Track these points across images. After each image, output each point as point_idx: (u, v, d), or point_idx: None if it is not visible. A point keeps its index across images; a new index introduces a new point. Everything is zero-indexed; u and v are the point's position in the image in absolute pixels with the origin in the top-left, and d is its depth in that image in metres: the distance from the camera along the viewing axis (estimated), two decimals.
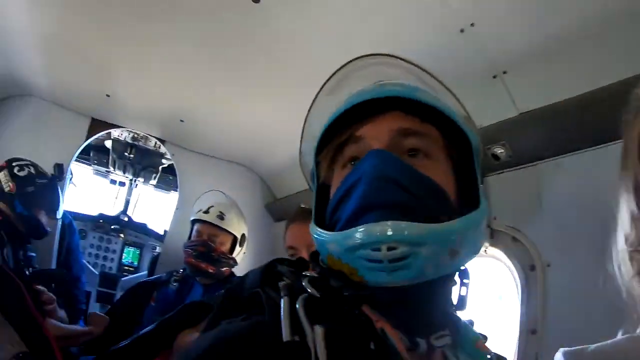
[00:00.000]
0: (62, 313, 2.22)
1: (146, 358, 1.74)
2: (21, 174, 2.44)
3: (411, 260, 0.62)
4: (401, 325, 0.65)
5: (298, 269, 0.80)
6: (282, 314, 0.62)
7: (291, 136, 2.58)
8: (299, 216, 1.90)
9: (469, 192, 0.74)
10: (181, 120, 3.09)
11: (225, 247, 2.58)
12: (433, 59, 1.57)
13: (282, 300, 0.65)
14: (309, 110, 0.88)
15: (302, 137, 0.90)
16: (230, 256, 2.58)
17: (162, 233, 4.63)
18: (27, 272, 2.40)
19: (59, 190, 2.61)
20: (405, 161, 0.70)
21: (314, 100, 0.88)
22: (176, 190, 4.58)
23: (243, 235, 2.66)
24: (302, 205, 2.01)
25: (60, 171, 2.70)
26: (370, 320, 0.64)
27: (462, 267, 0.72)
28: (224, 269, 2.55)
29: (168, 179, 4.59)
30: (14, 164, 2.47)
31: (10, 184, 2.40)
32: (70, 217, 3.21)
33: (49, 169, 2.68)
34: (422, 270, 0.63)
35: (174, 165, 3.65)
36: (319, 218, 0.77)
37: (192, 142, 3.50)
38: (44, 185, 2.48)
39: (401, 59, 0.84)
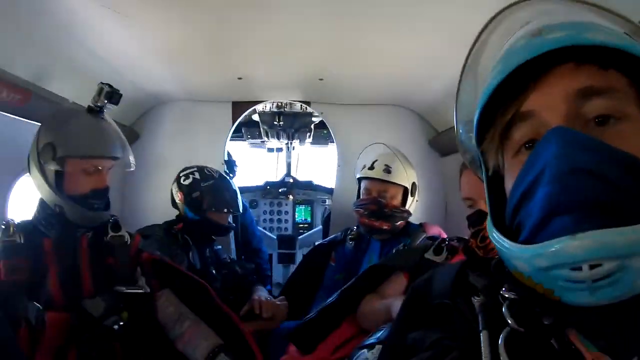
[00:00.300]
0: (263, 292, 2.50)
1: (334, 325, 1.81)
2: (186, 182, 2.54)
3: (619, 275, 0.48)
4: (615, 352, 0.52)
5: (492, 278, 0.67)
6: (482, 352, 0.57)
7: (443, 68, 2.34)
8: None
9: None
10: (320, 79, 2.83)
11: (397, 201, 2.46)
12: None
13: (481, 335, 0.59)
14: (459, 82, 0.75)
15: (456, 110, 0.78)
16: (404, 209, 2.46)
17: (328, 187, 4.64)
18: (212, 271, 2.51)
19: (229, 186, 2.63)
20: (597, 138, 0.53)
21: (464, 66, 0.74)
22: (333, 142, 4.50)
23: (413, 183, 2.51)
24: None
25: (229, 167, 2.83)
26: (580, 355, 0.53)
27: None
28: (399, 222, 2.44)
29: (322, 133, 4.47)
30: (181, 174, 2.58)
31: (179, 194, 2.54)
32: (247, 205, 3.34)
33: (207, 160, 2.80)
34: (632, 285, 0.49)
35: (326, 122, 3.52)
36: (496, 217, 0.64)
37: (338, 97, 3.27)
38: (209, 187, 2.52)
39: None
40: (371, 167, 2.45)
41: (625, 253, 0.48)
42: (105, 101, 1.71)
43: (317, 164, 5.23)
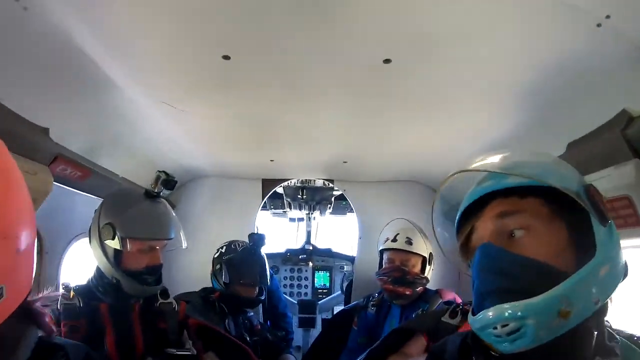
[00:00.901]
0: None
1: None
2: (215, 255, 2.81)
3: (523, 330, 0.75)
4: None
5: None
6: None
7: (454, 150, 2.68)
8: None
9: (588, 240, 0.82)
10: (344, 162, 3.16)
11: (417, 269, 2.70)
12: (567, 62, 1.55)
13: None
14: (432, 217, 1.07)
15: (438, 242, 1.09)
16: (424, 276, 2.69)
17: (346, 253, 4.89)
18: (247, 337, 2.68)
19: (253, 259, 2.78)
20: (507, 247, 0.84)
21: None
22: (352, 212, 4.77)
23: (430, 254, 2.75)
24: None
25: (256, 240, 2.87)
26: None
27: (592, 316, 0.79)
28: (419, 289, 2.66)
29: (341, 204, 4.73)
30: (218, 247, 2.84)
31: (211, 265, 2.79)
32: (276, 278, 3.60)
33: (239, 232, 3.09)
34: (536, 336, 0.75)
35: (347, 198, 3.80)
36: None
37: (359, 175, 3.60)
38: (230, 260, 2.72)
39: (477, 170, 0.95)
40: (394, 240, 2.74)
41: (519, 317, 0.74)
42: (162, 187, 1.96)
43: (335, 231, 5.47)
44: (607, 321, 0.85)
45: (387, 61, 1.67)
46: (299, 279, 4.89)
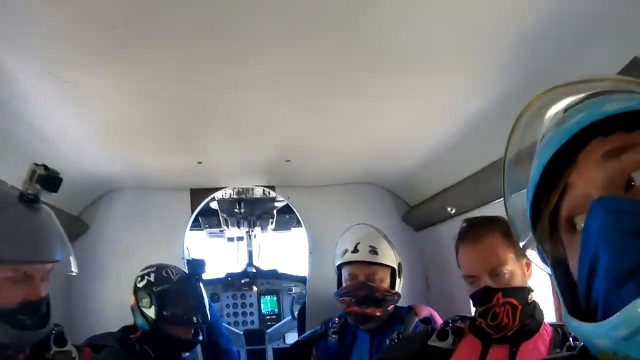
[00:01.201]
0: None
1: None
2: (140, 284, 2.21)
3: None
4: None
5: None
6: None
7: (412, 144, 2.14)
8: (468, 234, 1.61)
9: None
10: (287, 161, 2.67)
11: (386, 283, 2.25)
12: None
13: None
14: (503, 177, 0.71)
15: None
16: (395, 291, 2.26)
17: (294, 274, 4.49)
18: None
19: (192, 291, 2.27)
20: (637, 199, 0.54)
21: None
22: (297, 226, 4.34)
23: (399, 264, 2.33)
24: (467, 219, 1.70)
25: (195, 267, 2.39)
26: None
27: None
28: (390, 307, 2.23)
29: (285, 218, 4.32)
30: (139, 273, 2.26)
31: (132, 298, 2.21)
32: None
33: (166, 253, 2.66)
34: None
35: (293, 207, 3.32)
36: (569, 304, 0.61)
37: (305, 179, 3.12)
38: (162, 292, 2.18)
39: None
40: (355, 250, 2.25)
41: None
42: (38, 187, 1.32)
43: (281, 250, 5.04)
44: None
45: None
46: (243, 305, 4.37)
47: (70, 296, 2.81)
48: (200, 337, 2.27)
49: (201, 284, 2.32)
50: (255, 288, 4.40)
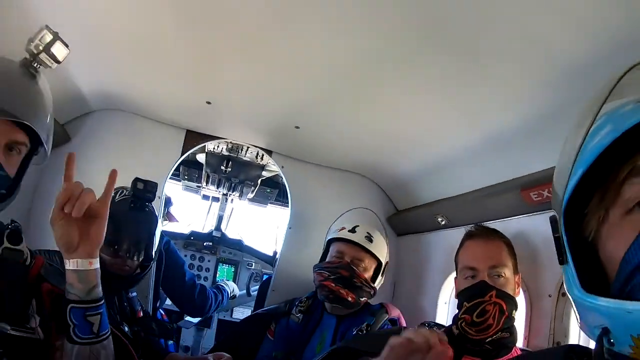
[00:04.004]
0: None
1: None
2: None
3: None
4: None
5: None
6: None
7: (413, 148, 2.08)
8: (479, 232, 1.72)
9: None
10: (296, 127, 2.57)
11: (369, 274, 2.25)
12: None
13: None
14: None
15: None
16: (372, 285, 2.24)
17: (259, 249, 4.36)
18: (125, 327, 1.92)
19: (137, 217, 1.97)
20: None
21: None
22: (275, 204, 4.21)
23: (387, 263, 2.35)
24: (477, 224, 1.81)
25: (141, 190, 2.00)
26: None
27: None
28: (363, 299, 2.22)
29: (265, 192, 4.24)
30: None
31: None
32: (167, 237, 2.84)
33: None
34: None
35: (284, 178, 3.18)
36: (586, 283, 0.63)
37: (306, 152, 3.04)
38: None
39: None
40: (352, 231, 2.24)
41: None
42: (41, 48, 1.20)
43: (250, 224, 4.91)
44: None
45: None
46: (199, 268, 4.21)
47: (32, 203, 2.61)
48: (141, 275, 2.01)
49: (152, 213, 2.05)
50: (216, 254, 4.26)
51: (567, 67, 1.34)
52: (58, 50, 1.23)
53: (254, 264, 4.29)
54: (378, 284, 2.26)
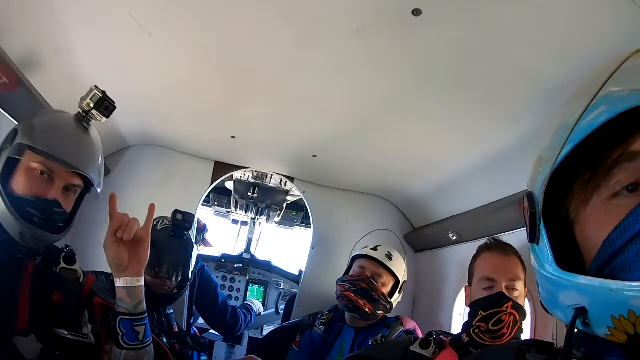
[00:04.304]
0: None
1: None
2: None
3: None
4: None
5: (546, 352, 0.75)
6: None
7: (429, 167, 2.38)
8: (496, 246, 1.81)
9: None
10: (313, 156, 2.80)
11: (387, 289, 2.44)
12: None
13: None
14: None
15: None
16: (389, 299, 2.42)
17: (287, 270, 4.54)
18: (163, 338, 2.12)
19: (174, 246, 2.21)
20: None
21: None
22: (301, 226, 4.41)
23: (404, 281, 2.54)
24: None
25: (180, 221, 2.24)
26: None
27: None
28: (380, 312, 2.39)
29: (291, 215, 4.46)
30: None
31: None
32: (202, 262, 3.04)
33: None
34: None
35: (306, 203, 3.40)
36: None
37: (325, 178, 3.26)
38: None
39: None
40: (374, 249, 2.46)
41: None
42: (92, 106, 1.45)
43: (278, 245, 5.14)
44: None
45: (416, 12, 1.38)
46: (230, 289, 4.45)
47: (75, 230, 2.86)
48: (180, 294, 2.24)
49: (189, 241, 2.28)
50: (246, 275, 4.47)
51: (552, 91, 1.52)
52: (106, 107, 1.49)
53: (282, 283, 4.48)
54: (395, 300, 2.44)
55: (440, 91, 1.79)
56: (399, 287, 2.46)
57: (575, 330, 0.62)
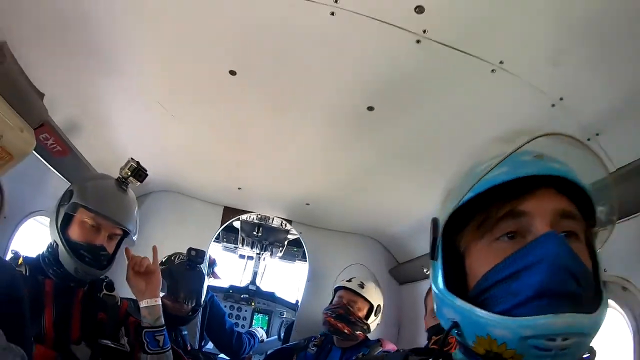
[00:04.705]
0: None
1: None
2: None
3: (574, 349, 0.64)
4: None
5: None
6: None
7: (409, 211, 3.00)
8: None
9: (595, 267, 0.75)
10: (307, 204, 3.31)
11: (362, 313, 2.84)
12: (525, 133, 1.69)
13: None
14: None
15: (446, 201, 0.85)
16: (365, 321, 2.82)
17: (289, 300, 4.86)
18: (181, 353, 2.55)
19: (189, 275, 2.69)
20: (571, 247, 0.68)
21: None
22: (301, 260, 4.83)
23: (379, 305, 2.92)
24: None
25: (193, 256, 2.75)
26: None
27: None
28: (358, 332, 2.79)
29: (293, 251, 4.84)
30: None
31: None
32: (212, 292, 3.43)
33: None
34: (576, 355, 0.66)
35: (302, 242, 3.88)
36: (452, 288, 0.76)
37: (318, 221, 3.74)
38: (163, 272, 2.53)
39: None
40: (349, 280, 2.95)
41: (587, 332, 0.65)
42: (129, 173, 1.93)
43: (281, 278, 5.45)
44: None
45: (370, 108, 1.90)
46: (237, 317, 4.79)
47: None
48: (193, 316, 2.74)
49: (203, 272, 2.78)
50: (252, 305, 4.80)
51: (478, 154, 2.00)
52: (140, 174, 1.98)
53: (285, 313, 4.81)
54: (372, 321, 2.85)
55: (404, 161, 2.32)
56: (374, 310, 2.86)
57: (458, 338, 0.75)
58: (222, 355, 3.72)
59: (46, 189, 2.25)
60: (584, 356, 0.71)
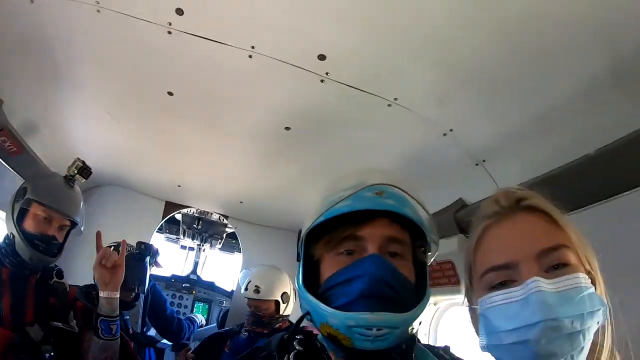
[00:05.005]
0: None
1: None
2: None
3: (389, 336, 0.85)
4: None
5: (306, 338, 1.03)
6: None
7: None
8: None
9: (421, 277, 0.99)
10: (241, 202, 3.66)
11: (271, 310, 2.97)
12: (421, 158, 2.12)
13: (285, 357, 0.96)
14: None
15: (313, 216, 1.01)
16: (278, 315, 2.98)
17: (228, 290, 5.06)
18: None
19: (136, 265, 2.89)
20: (392, 263, 0.90)
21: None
22: (239, 252, 5.09)
23: (284, 293, 3.02)
24: None
25: (142, 249, 3.04)
26: None
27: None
28: (278, 325, 2.95)
29: (231, 243, 5.10)
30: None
31: None
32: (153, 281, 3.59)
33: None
34: (393, 341, 0.87)
35: (237, 235, 4.22)
36: (306, 284, 0.96)
37: (251, 217, 4.10)
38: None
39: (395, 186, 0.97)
40: (246, 289, 3.03)
41: (395, 326, 0.85)
42: (76, 172, 2.09)
43: (220, 268, 5.69)
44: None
45: (287, 128, 2.23)
46: (179, 305, 4.93)
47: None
48: (136, 303, 2.98)
49: (147, 264, 3.00)
50: (193, 293, 4.98)
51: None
52: (85, 173, 2.20)
53: (224, 301, 5.01)
54: (284, 310, 3.00)
55: (322, 176, 2.43)
56: (281, 299, 2.98)
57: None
58: (164, 341, 3.83)
59: (3, 185, 2.43)
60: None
